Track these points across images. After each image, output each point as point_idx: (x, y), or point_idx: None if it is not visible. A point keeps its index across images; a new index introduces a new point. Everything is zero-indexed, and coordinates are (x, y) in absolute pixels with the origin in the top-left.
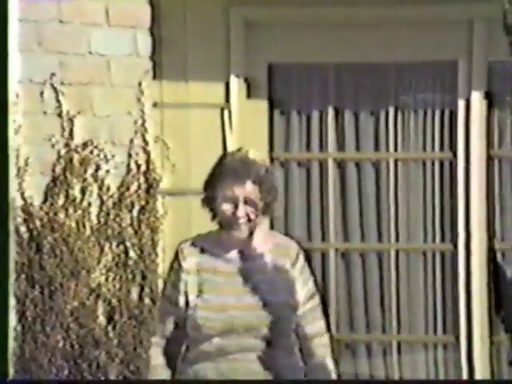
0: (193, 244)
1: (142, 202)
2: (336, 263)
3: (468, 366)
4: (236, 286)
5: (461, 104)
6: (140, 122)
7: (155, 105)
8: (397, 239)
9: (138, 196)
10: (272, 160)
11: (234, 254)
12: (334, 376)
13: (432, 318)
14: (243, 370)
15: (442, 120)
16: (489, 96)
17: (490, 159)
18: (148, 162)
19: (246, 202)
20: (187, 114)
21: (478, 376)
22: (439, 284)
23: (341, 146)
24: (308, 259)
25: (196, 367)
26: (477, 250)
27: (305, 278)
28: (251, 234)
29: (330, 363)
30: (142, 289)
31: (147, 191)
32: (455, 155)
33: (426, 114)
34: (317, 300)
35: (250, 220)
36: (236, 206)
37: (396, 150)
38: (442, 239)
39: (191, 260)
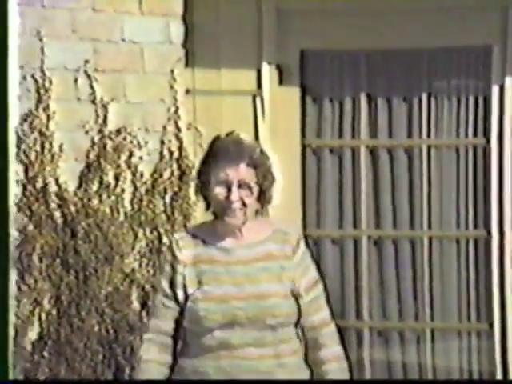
0: (187, 235)
1: (175, 189)
2: (368, 250)
3: (502, 354)
4: (236, 276)
5: (495, 90)
6: (173, 109)
7: (188, 92)
8: (429, 226)
9: (170, 183)
10: (304, 147)
11: (231, 243)
12: (346, 365)
13: (465, 305)
14: (246, 366)
15: (476, 106)
16: None
17: None
18: (181, 148)
19: (240, 185)
20: (219, 101)
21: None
22: (472, 271)
23: (373, 132)
24: (308, 246)
25: (196, 363)
26: (510, 236)
27: (307, 265)
28: (246, 220)
29: (341, 352)
30: None
31: (180, 178)
32: (489, 141)
33: (459, 100)
34: (320, 288)
35: (244, 204)
36: (229, 190)
37: (429, 136)
38: (476, 226)
39: (187, 252)
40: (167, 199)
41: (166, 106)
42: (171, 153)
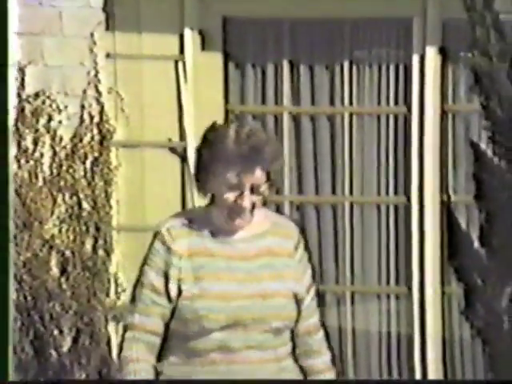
0: (180, 223)
1: (96, 154)
2: (291, 216)
3: (420, 317)
4: (238, 272)
5: (415, 59)
6: (93, 72)
7: (108, 56)
8: (351, 192)
9: (91, 147)
10: (227, 112)
11: (231, 235)
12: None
13: (385, 269)
14: (247, 372)
15: (397, 75)
16: (443, 52)
17: (443, 113)
18: (101, 113)
19: (252, 189)
20: (141, 66)
21: (429, 326)
22: (393, 236)
23: (296, 99)
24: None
25: (185, 369)
26: (430, 203)
27: (306, 264)
28: (253, 219)
29: (330, 360)
30: (95, 240)
31: (101, 143)
32: (409, 110)
33: (380, 68)
34: (314, 289)
35: (254, 207)
36: (241, 194)
37: (351, 104)
38: (396, 192)
39: (181, 242)
40: (88, 164)
41: (85, 70)
42: (92, 117)
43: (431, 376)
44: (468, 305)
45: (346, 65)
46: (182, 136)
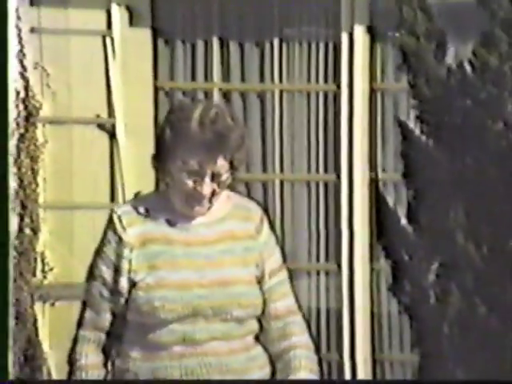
0: (133, 209)
1: (21, 130)
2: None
3: (349, 293)
4: (196, 259)
5: (344, 38)
6: (18, 47)
7: (33, 30)
8: (281, 170)
9: (17, 124)
10: (156, 89)
11: (190, 221)
12: (316, 357)
13: (315, 246)
14: (216, 364)
15: (326, 53)
16: (371, 31)
17: (372, 92)
18: (27, 88)
19: (213, 177)
20: (67, 41)
21: (358, 302)
22: (322, 213)
23: (226, 76)
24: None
25: (151, 365)
26: (359, 181)
27: (272, 246)
28: (212, 206)
29: (310, 342)
30: (21, 219)
31: (27, 119)
32: (339, 87)
33: (310, 46)
34: (285, 273)
35: (213, 194)
36: (201, 181)
37: (281, 81)
38: (326, 170)
39: (134, 230)
40: (13, 141)
41: (9, 45)
42: (17, 93)
43: (359, 350)
44: (395, 281)
45: (276, 42)
46: (111, 112)
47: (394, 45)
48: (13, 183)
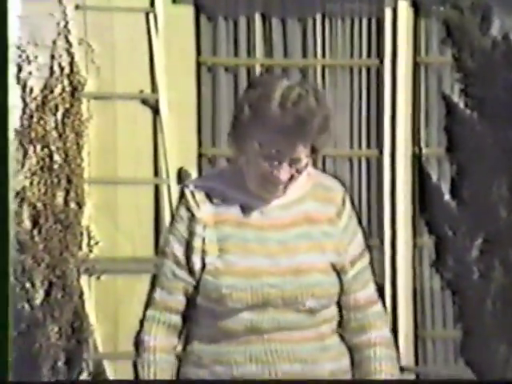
0: (207, 186)
1: (67, 105)
2: None
3: (391, 268)
4: (269, 245)
5: (388, 12)
6: (63, 23)
7: (77, 7)
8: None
9: (62, 99)
10: (199, 65)
11: (264, 203)
12: (395, 354)
13: None
14: (284, 352)
15: (369, 28)
16: (415, 5)
17: (416, 66)
18: (72, 64)
19: (292, 162)
20: (111, 17)
21: (400, 278)
22: (365, 189)
23: (268, 52)
24: (353, 204)
25: (216, 349)
26: (402, 156)
27: (353, 230)
28: (287, 191)
29: (391, 337)
30: (67, 193)
31: (72, 94)
32: (382, 62)
33: (353, 22)
34: (367, 258)
35: (291, 179)
36: (278, 166)
37: (324, 56)
38: (368, 145)
39: (206, 208)
40: (58, 116)
41: (55, 21)
42: (62, 68)
43: (401, 327)
44: (438, 257)
45: (319, 18)
46: (154, 88)
47: (438, 18)
48: (58, 158)
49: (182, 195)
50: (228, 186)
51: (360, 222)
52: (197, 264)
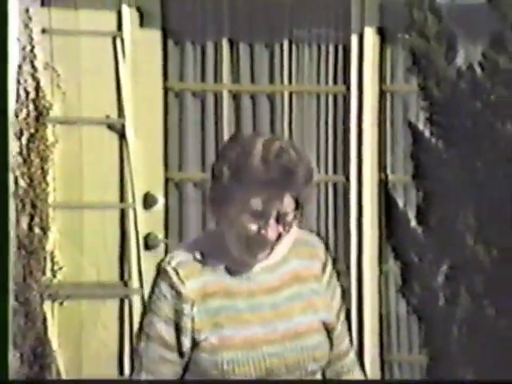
0: (190, 258)
1: (32, 130)
2: None
3: (357, 294)
4: (262, 311)
5: (354, 39)
6: (29, 47)
7: (44, 31)
8: None
9: (27, 124)
10: (166, 90)
11: (250, 267)
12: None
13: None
14: None
15: (336, 54)
16: (381, 32)
17: (382, 93)
18: (37, 89)
19: (279, 218)
20: (78, 42)
21: (367, 303)
22: (331, 215)
23: (236, 77)
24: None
25: None
26: (368, 182)
27: (334, 284)
28: (274, 249)
29: (361, 375)
30: (31, 218)
31: (37, 119)
32: (348, 89)
33: (320, 48)
34: (344, 310)
35: (278, 238)
36: (265, 224)
37: (290, 82)
38: (335, 171)
39: (193, 283)
40: (23, 141)
41: (21, 45)
42: (27, 93)
43: (367, 352)
44: (404, 282)
45: (286, 44)
46: (121, 113)
47: (404, 46)
48: (23, 183)
49: (161, 272)
50: (209, 255)
51: (338, 278)
52: (186, 345)
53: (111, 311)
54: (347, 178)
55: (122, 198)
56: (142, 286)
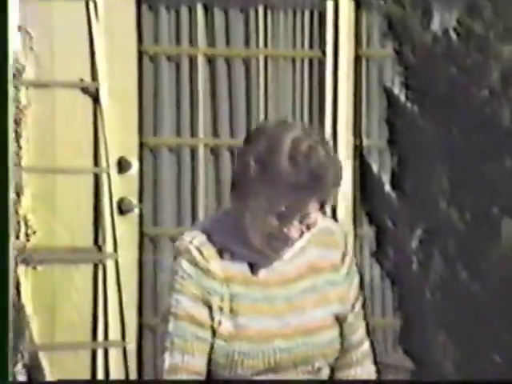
0: (211, 240)
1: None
2: (205, 159)
3: None
4: (276, 303)
5: (329, 4)
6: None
7: None
8: None
9: None
10: (141, 54)
11: (268, 259)
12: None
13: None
14: None
15: (312, 20)
16: None
17: (357, 58)
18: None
19: (302, 218)
20: (51, 4)
21: None
22: None
23: (211, 41)
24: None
25: None
26: (343, 147)
27: (353, 274)
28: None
29: (374, 370)
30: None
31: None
32: (324, 54)
33: (295, 13)
34: (361, 300)
35: (301, 235)
36: (288, 223)
37: (266, 46)
38: None
39: (216, 265)
40: None
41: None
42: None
43: None
44: (378, 247)
45: (261, 9)
46: (94, 76)
47: (380, 12)
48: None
49: (183, 251)
50: (232, 241)
51: (357, 265)
52: (217, 320)
53: (85, 276)
54: None
55: (96, 163)
56: (116, 250)
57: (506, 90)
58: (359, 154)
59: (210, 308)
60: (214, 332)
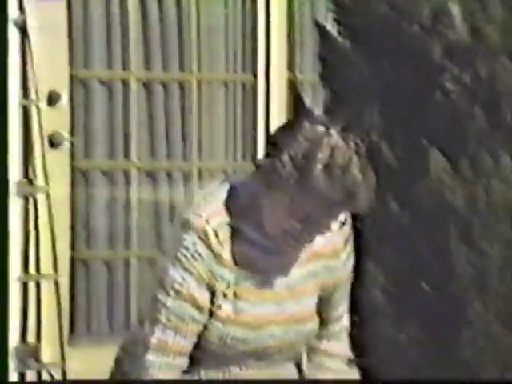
0: (228, 222)
1: None
2: (137, 92)
3: None
4: (279, 289)
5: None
6: None
7: None
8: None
9: None
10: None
11: (283, 254)
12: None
13: (232, 144)
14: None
15: None
16: None
17: None
18: None
19: (322, 227)
20: None
21: None
22: (240, 115)
23: None
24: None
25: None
26: (276, 81)
27: (350, 257)
28: None
29: (347, 342)
30: None
31: None
32: None
33: None
34: (351, 278)
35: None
36: (307, 227)
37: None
38: (244, 70)
39: (229, 249)
40: None
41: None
42: None
43: None
44: None
45: None
46: (22, 9)
47: None
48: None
49: (199, 230)
50: (247, 221)
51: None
52: (219, 306)
53: (16, 209)
54: (255, 76)
55: (26, 95)
56: (47, 183)
57: (436, 26)
58: (293, 88)
59: (213, 293)
60: (211, 314)
